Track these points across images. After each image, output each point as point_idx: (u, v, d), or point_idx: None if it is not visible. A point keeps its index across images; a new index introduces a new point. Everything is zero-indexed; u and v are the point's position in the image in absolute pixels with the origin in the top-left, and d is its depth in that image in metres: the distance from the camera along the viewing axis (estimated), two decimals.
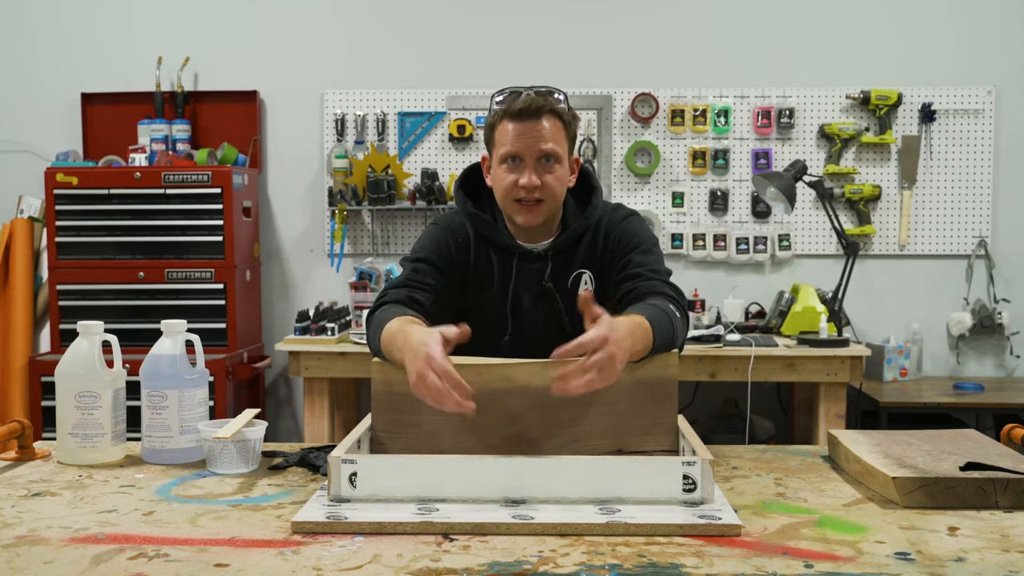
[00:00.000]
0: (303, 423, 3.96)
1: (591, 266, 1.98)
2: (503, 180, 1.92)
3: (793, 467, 1.73)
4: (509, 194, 1.92)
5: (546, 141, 1.88)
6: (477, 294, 1.99)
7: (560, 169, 1.91)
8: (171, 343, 1.78)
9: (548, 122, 1.89)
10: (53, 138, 4.58)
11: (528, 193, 1.89)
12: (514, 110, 1.88)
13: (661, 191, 4.47)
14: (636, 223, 2.01)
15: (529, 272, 1.98)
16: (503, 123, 1.91)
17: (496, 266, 1.99)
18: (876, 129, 4.38)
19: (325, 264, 4.55)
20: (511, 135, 1.89)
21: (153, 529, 1.36)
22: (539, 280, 1.97)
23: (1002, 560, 1.23)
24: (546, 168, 1.89)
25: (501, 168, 1.92)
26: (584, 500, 1.43)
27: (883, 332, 4.39)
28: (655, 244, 1.99)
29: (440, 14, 4.51)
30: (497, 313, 1.98)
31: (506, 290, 1.98)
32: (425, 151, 4.51)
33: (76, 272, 4.15)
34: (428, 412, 1.65)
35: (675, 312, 1.76)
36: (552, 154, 1.89)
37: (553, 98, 1.90)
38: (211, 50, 4.54)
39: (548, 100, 1.89)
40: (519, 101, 1.88)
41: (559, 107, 1.90)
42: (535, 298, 1.98)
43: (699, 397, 4.34)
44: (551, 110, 1.89)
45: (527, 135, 1.88)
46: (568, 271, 1.98)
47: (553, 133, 1.89)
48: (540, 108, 1.88)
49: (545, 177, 1.89)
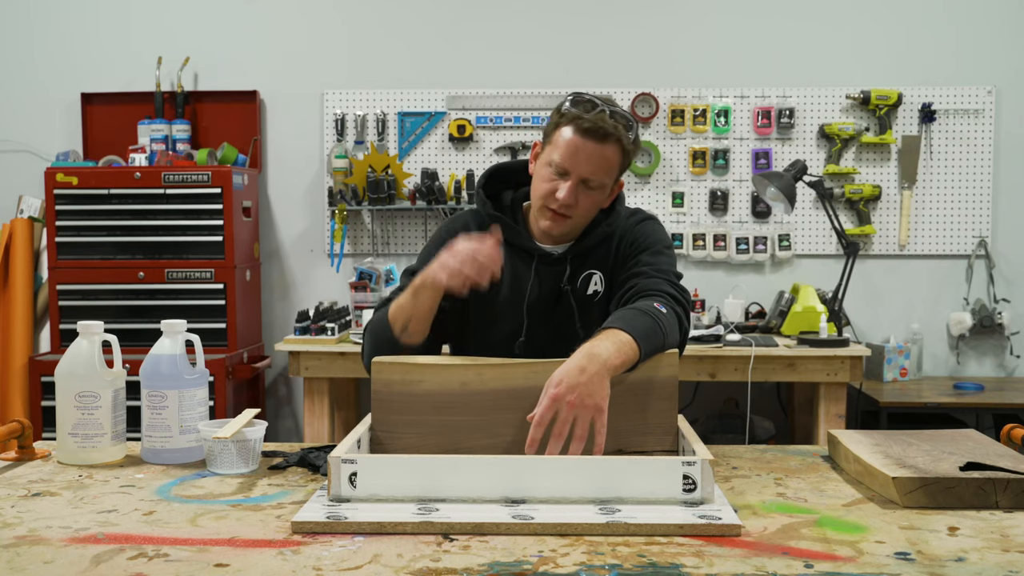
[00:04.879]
0: (303, 423, 3.96)
1: (603, 268, 1.97)
2: (543, 183, 1.89)
3: (793, 467, 1.73)
4: (543, 199, 1.90)
5: (597, 169, 1.85)
6: (487, 296, 1.96)
7: (599, 195, 1.90)
8: (171, 343, 1.78)
9: (609, 151, 1.85)
10: (53, 138, 4.58)
11: (560, 207, 1.88)
12: (583, 126, 1.83)
13: (661, 191, 4.47)
14: (651, 226, 2.00)
15: (547, 274, 1.96)
16: (568, 129, 1.85)
17: (512, 267, 1.96)
18: (876, 129, 4.38)
19: (325, 264, 4.55)
20: (569, 148, 1.84)
21: (153, 529, 1.36)
22: (557, 283, 1.96)
23: (1002, 560, 1.23)
24: (586, 191, 1.87)
25: (547, 170, 1.88)
26: (584, 500, 1.43)
27: (883, 332, 4.39)
28: (668, 247, 1.97)
29: (440, 14, 4.51)
30: (512, 315, 1.96)
31: (523, 291, 1.96)
32: (425, 151, 4.51)
33: (76, 272, 4.15)
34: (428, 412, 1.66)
35: (661, 310, 1.74)
36: (598, 183, 1.87)
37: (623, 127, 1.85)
38: (211, 50, 4.54)
39: (618, 128, 1.84)
40: (591, 117, 1.83)
41: (624, 138, 1.86)
42: (551, 300, 1.96)
43: (699, 397, 4.34)
44: (618, 140, 1.85)
45: (583, 155, 1.84)
46: (582, 273, 1.97)
47: (608, 163, 1.86)
48: (608, 135, 1.83)
49: (582, 199, 1.87)
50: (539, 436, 1.54)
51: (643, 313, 1.72)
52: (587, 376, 1.55)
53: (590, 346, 1.61)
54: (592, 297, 1.96)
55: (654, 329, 1.69)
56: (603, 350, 1.59)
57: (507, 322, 1.95)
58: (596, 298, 1.96)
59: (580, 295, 1.96)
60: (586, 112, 1.84)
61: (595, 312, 1.94)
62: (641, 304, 1.77)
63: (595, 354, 1.58)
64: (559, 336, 1.91)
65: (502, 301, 1.96)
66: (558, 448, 1.54)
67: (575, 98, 1.88)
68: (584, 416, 1.54)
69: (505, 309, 1.96)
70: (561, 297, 1.96)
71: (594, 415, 1.55)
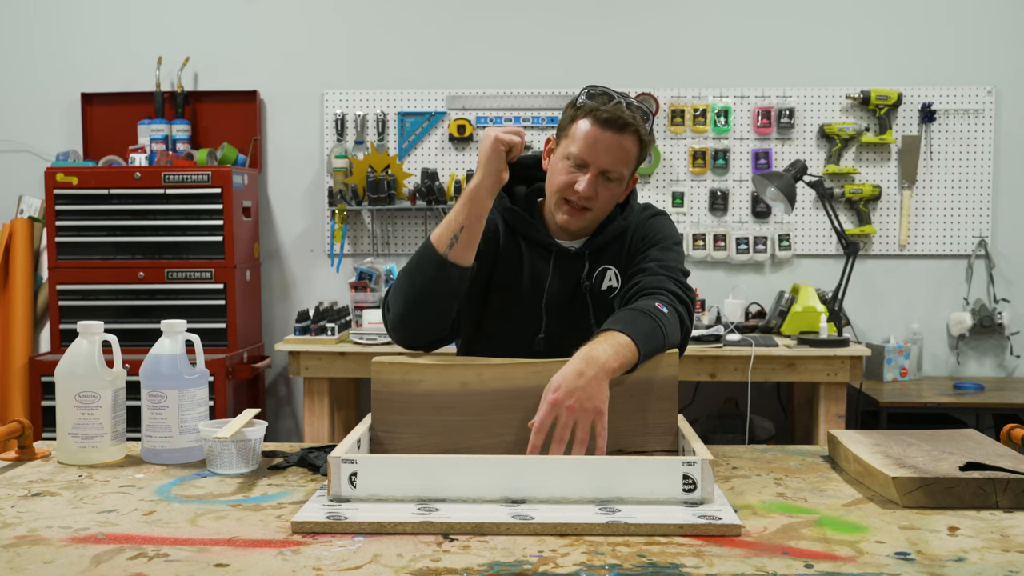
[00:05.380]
0: (303, 423, 3.96)
1: (616, 263, 1.97)
2: (561, 175, 1.88)
3: (793, 467, 1.72)
4: (561, 191, 1.89)
5: (616, 160, 1.85)
6: (503, 292, 1.96)
7: (617, 187, 1.90)
8: (171, 343, 1.78)
9: (627, 141, 1.85)
10: (53, 138, 4.58)
11: (579, 199, 1.87)
12: (602, 116, 1.83)
13: (661, 191, 4.47)
14: (661, 221, 2.00)
15: (565, 270, 1.96)
16: (585, 122, 1.85)
17: (528, 262, 1.96)
18: (876, 129, 4.38)
19: (325, 264, 4.55)
20: (587, 139, 1.84)
21: (153, 529, 1.36)
22: (576, 278, 1.96)
23: (1002, 560, 1.23)
24: (605, 183, 1.87)
25: (564, 163, 1.88)
26: (584, 500, 1.43)
27: (883, 332, 4.40)
28: (676, 243, 1.97)
29: (440, 14, 4.51)
30: (530, 311, 1.95)
31: (541, 287, 1.95)
32: (425, 151, 4.51)
33: (76, 272, 4.15)
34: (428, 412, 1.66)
35: (662, 310, 1.74)
36: (617, 174, 1.87)
37: (640, 117, 1.86)
38: (211, 50, 4.54)
39: (636, 119, 1.85)
40: (609, 108, 1.83)
41: (642, 129, 1.86)
42: (569, 296, 1.96)
43: (699, 397, 4.34)
44: (636, 130, 1.85)
45: (602, 146, 1.84)
46: (597, 269, 1.97)
47: (627, 154, 1.87)
48: (627, 125, 1.84)
49: (601, 190, 1.87)
50: (540, 442, 1.54)
51: (643, 314, 1.71)
52: (585, 380, 1.55)
53: (588, 349, 1.61)
54: (607, 293, 1.96)
55: (654, 330, 1.69)
56: (601, 353, 1.59)
57: (525, 317, 1.95)
58: (611, 294, 1.96)
59: (596, 291, 1.96)
60: (603, 104, 1.84)
61: (610, 308, 1.93)
62: (642, 304, 1.76)
63: (593, 357, 1.58)
64: (575, 332, 1.89)
65: (522, 296, 1.95)
66: (560, 453, 1.54)
67: (591, 91, 1.88)
68: (584, 420, 1.54)
69: (524, 304, 1.95)
70: (578, 293, 1.96)
71: (594, 418, 1.55)
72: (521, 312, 1.95)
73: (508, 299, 1.96)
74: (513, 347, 1.80)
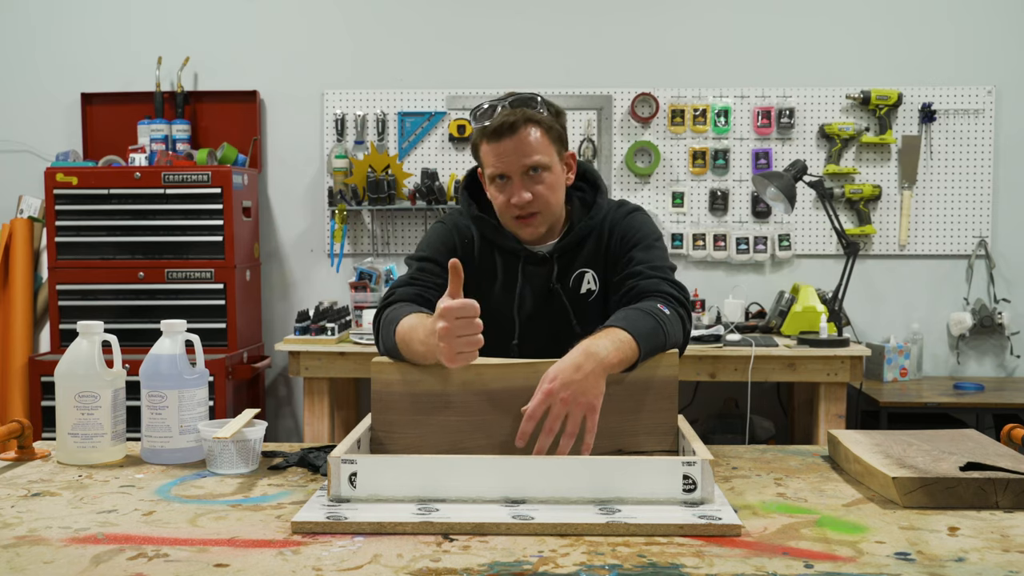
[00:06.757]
0: (303, 423, 3.96)
1: (595, 265, 1.97)
2: (497, 199, 1.93)
3: (793, 467, 1.72)
4: (505, 212, 1.93)
5: (527, 155, 1.87)
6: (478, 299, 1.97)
7: (550, 176, 1.90)
8: (171, 343, 1.78)
9: (526, 134, 1.87)
10: (53, 138, 4.58)
11: (522, 209, 1.90)
12: (489, 131, 1.87)
13: (661, 191, 4.47)
14: (639, 218, 2.00)
15: (535, 275, 1.97)
16: (483, 144, 1.90)
17: (500, 269, 1.98)
18: (876, 129, 4.38)
19: (325, 264, 4.55)
20: (491, 156, 1.89)
21: (153, 529, 1.36)
22: (546, 283, 1.96)
23: (1002, 560, 1.23)
24: (534, 180, 1.89)
25: (492, 187, 1.93)
26: (584, 500, 1.43)
27: (883, 332, 4.39)
28: (658, 239, 1.97)
29: (440, 14, 4.51)
30: (504, 317, 1.97)
31: (512, 293, 1.97)
32: (425, 151, 4.51)
33: (76, 272, 4.15)
34: (428, 412, 1.66)
35: (664, 311, 1.74)
36: (537, 165, 1.88)
37: (528, 107, 1.87)
38: (211, 50, 4.54)
39: (522, 111, 1.86)
40: (493, 120, 1.87)
41: (536, 114, 1.88)
42: (542, 301, 1.97)
43: (699, 397, 4.34)
44: (528, 119, 1.86)
45: (507, 153, 1.87)
46: (574, 272, 1.98)
47: (534, 143, 1.87)
48: (515, 123, 1.86)
49: (535, 189, 1.89)
50: (530, 429, 1.55)
51: (645, 313, 1.72)
52: (582, 374, 1.56)
53: (588, 343, 1.61)
54: (587, 296, 1.96)
55: (655, 329, 1.69)
56: (601, 348, 1.59)
57: (500, 324, 1.95)
58: (591, 297, 1.96)
59: (573, 294, 1.96)
60: (486, 119, 1.88)
61: (591, 310, 1.94)
62: (644, 304, 1.77)
63: (593, 352, 1.58)
64: (555, 336, 1.91)
65: (494, 303, 1.96)
66: (548, 443, 1.54)
67: (473, 113, 1.92)
68: (576, 413, 1.55)
69: (497, 311, 1.96)
70: (552, 297, 1.96)
71: (586, 413, 1.56)
72: (495, 319, 1.95)
73: (482, 306, 1.96)
74: (491, 353, 1.79)
